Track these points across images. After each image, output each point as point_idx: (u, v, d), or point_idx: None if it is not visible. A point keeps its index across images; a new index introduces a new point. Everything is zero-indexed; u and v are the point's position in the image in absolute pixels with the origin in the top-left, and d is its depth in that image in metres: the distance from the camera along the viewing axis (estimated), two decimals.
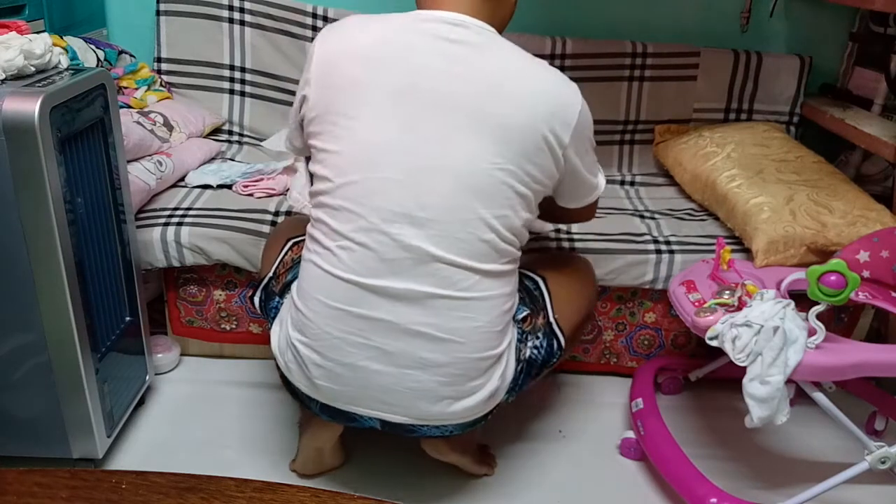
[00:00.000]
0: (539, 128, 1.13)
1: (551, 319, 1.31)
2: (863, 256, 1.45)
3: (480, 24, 1.16)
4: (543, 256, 1.59)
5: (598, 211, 1.83)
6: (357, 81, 1.13)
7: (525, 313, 1.28)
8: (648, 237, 1.70)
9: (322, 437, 1.38)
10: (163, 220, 1.66)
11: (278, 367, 1.30)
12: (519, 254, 1.22)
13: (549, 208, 1.30)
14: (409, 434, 1.27)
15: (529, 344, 1.28)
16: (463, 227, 1.12)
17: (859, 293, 1.37)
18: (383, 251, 1.12)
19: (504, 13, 1.24)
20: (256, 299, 1.41)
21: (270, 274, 1.40)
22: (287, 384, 1.30)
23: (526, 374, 1.28)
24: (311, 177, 1.23)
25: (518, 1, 1.27)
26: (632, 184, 2.11)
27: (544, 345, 1.29)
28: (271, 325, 1.34)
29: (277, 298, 1.35)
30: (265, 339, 1.76)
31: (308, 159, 1.27)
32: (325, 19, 2.13)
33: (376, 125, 1.12)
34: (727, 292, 1.36)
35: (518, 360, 1.26)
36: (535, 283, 1.35)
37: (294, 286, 1.26)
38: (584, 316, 1.42)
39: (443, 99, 1.11)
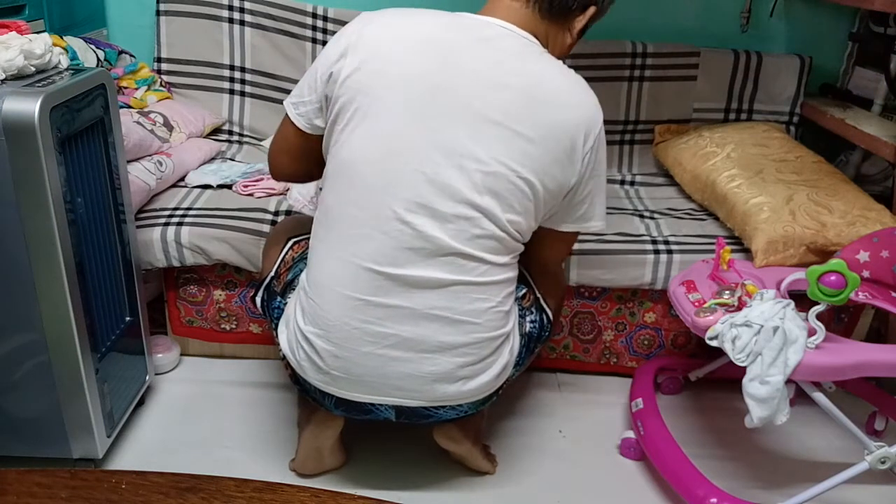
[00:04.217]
0: (564, 145, 1.16)
1: (538, 295, 1.39)
2: (863, 256, 1.45)
3: (526, 35, 1.18)
4: None
5: None
6: (400, 71, 1.14)
7: (524, 290, 1.36)
8: (647, 237, 1.70)
9: (322, 437, 1.38)
10: (163, 220, 1.66)
11: (289, 367, 1.30)
12: (523, 247, 1.25)
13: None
14: (424, 420, 1.28)
15: (528, 319, 1.35)
16: (479, 225, 1.15)
17: (859, 293, 1.37)
18: (403, 240, 1.14)
19: (560, 43, 1.25)
20: (258, 299, 1.42)
21: (272, 273, 1.40)
22: (298, 383, 1.31)
23: (526, 348, 1.34)
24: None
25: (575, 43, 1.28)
26: (632, 184, 2.11)
27: (537, 319, 1.37)
28: (275, 325, 1.34)
29: (279, 299, 1.35)
30: (265, 339, 1.77)
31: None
32: (325, 19, 2.13)
33: (411, 119, 1.13)
34: (727, 292, 1.36)
35: (521, 335, 1.32)
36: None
37: (302, 279, 1.26)
38: (560, 297, 1.50)
39: (477, 104, 1.13)
